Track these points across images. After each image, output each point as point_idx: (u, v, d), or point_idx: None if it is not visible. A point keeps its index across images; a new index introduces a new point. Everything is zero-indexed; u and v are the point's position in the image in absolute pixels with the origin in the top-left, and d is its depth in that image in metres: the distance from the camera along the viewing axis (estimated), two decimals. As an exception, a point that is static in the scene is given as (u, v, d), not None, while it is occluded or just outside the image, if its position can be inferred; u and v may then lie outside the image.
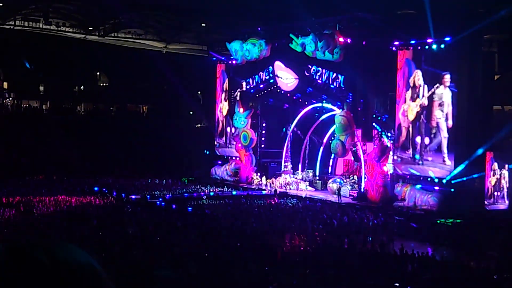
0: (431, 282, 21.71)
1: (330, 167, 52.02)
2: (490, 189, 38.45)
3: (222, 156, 57.52)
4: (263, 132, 55.15)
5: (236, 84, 55.47)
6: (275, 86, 50.88)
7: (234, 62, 54.65)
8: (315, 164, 52.49)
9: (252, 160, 53.64)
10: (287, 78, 49.30)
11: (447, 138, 38.25)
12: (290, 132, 53.46)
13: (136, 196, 42.27)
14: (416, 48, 40.03)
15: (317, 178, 51.01)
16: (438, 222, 35.04)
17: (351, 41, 43.28)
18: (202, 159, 59.52)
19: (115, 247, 24.19)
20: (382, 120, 43.05)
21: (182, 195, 44.40)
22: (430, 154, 39.35)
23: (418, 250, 25.86)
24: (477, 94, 39.08)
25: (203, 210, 37.11)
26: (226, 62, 56.74)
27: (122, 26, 60.35)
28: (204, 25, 59.35)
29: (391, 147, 42.11)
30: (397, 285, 20.39)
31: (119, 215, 34.40)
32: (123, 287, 19.29)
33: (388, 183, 41.79)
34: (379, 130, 43.27)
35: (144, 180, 51.53)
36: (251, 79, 52.76)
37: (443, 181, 38.32)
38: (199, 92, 77.50)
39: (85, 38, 61.32)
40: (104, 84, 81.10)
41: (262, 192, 47.82)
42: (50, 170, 53.52)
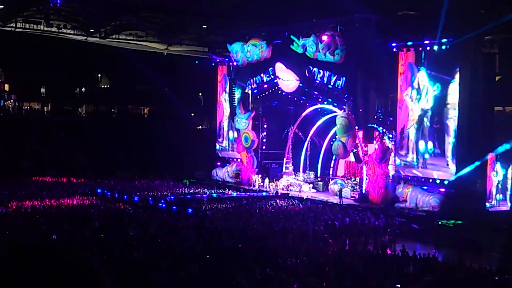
0: (432, 284, 21.69)
1: (331, 169, 51.97)
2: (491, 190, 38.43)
3: (224, 158, 57.53)
4: (265, 133, 55.11)
5: (236, 85, 55.45)
6: (276, 88, 50.86)
7: (235, 63, 54.64)
8: (316, 165, 52.48)
9: (253, 161, 53.60)
10: (288, 80, 49.28)
11: (451, 143, 38.09)
12: (291, 133, 53.41)
13: (138, 197, 42.23)
14: (417, 49, 39.99)
15: (318, 179, 50.98)
16: (440, 223, 35.02)
17: (351, 42, 43.28)
18: (204, 160, 59.53)
19: (116, 248, 24.17)
20: (387, 122, 42.90)
21: (184, 197, 44.34)
22: (434, 159, 39.22)
23: (419, 251, 25.84)
24: (478, 95, 39.05)
25: (204, 212, 37.06)
26: (227, 64, 56.74)
27: (123, 28, 60.35)
28: (205, 26, 59.35)
29: (393, 149, 42.06)
30: (398, 286, 20.34)
31: (120, 216, 34.40)
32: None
33: (390, 185, 41.76)
34: (381, 131, 43.23)
35: (146, 182, 51.54)
36: (252, 80, 52.73)
37: (445, 182, 38.29)
38: (200, 94, 77.54)
39: (86, 40, 61.34)
40: (105, 86, 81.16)
41: (263, 193, 47.80)
42: (52, 172, 53.55)
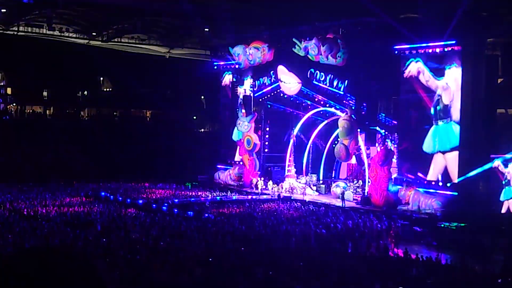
0: (435, 286, 21.65)
1: (333, 171, 51.95)
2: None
3: (226, 161, 57.52)
4: (267, 136, 55.09)
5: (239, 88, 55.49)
6: (279, 91, 50.88)
7: (237, 66, 54.68)
8: (318, 168, 52.46)
9: (255, 164, 53.59)
10: (290, 82, 49.29)
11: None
12: (293, 136, 53.40)
13: (141, 201, 42.21)
14: (419, 52, 39.99)
15: (320, 182, 50.95)
16: (442, 226, 35.00)
17: (354, 44, 43.32)
18: (206, 163, 59.52)
19: (119, 252, 24.16)
20: (389, 124, 42.87)
21: (188, 200, 44.28)
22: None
23: (422, 254, 25.80)
24: (480, 97, 39.05)
25: (207, 215, 37.02)
26: (229, 67, 56.73)
27: (125, 31, 60.43)
28: (207, 30, 59.42)
29: (395, 151, 42.04)
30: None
31: (123, 220, 34.37)
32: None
33: (392, 187, 41.71)
34: (383, 134, 43.21)
35: (148, 185, 51.53)
36: (254, 83, 52.75)
37: (448, 184, 38.27)
38: (202, 97, 77.59)
39: (88, 44, 61.43)
40: (107, 89, 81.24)
41: (264, 196, 47.80)
42: (54, 175, 53.56)
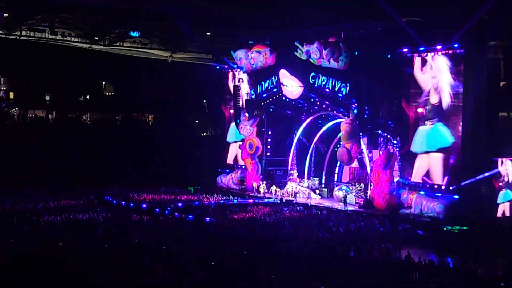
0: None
1: (336, 175, 51.91)
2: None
3: (228, 165, 57.49)
4: (269, 140, 55.07)
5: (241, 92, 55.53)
6: (281, 94, 50.89)
7: (239, 70, 54.71)
8: (321, 172, 52.41)
9: (258, 168, 53.56)
10: (292, 86, 49.30)
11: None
12: (295, 140, 53.36)
13: (144, 205, 42.20)
14: (422, 55, 39.97)
15: (323, 186, 50.90)
16: (445, 229, 34.94)
17: (356, 48, 43.31)
18: (208, 167, 59.53)
19: (121, 256, 24.13)
20: (391, 128, 42.79)
21: (191, 204, 44.25)
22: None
23: (424, 257, 25.74)
24: (483, 101, 38.98)
25: (209, 218, 37.01)
26: (234, 70, 56.74)
27: (128, 35, 60.48)
28: (209, 34, 59.46)
29: (397, 155, 41.99)
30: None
31: (125, 224, 34.38)
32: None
33: (394, 191, 41.67)
34: (385, 137, 43.15)
35: (151, 189, 51.49)
36: (256, 87, 52.75)
37: (450, 188, 38.21)
38: (204, 101, 77.63)
39: (90, 48, 61.49)
40: (110, 94, 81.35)
41: (266, 200, 47.78)
42: (56, 180, 53.61)
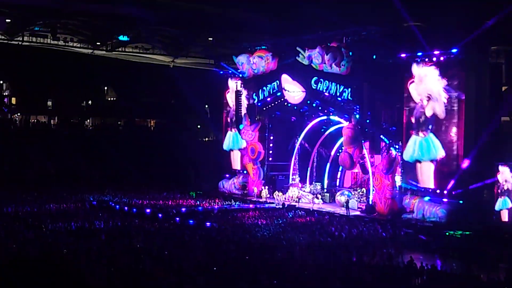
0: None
1: (338, 180, 51.86)
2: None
3: (230, 169, 57.47)
4: (271, 145, 55.04)
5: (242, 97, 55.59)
6: (282, 99, 50.90)
7: (241, 75, 54.77)
8: (323, 176, 52.38)
9: (260, 173, 53.54)
10: (294, 91, 49.31)
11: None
12: (297, 145, 53.34)
13: (148, 210, 42.17)
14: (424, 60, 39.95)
15: (325, 191, 50.85)
16: (447, 234, 34.87)
17: (357, 53, 43.34)
18: (210, 172, 59.50)
19: (123, 261, 24.13)
20: (393, 133, 42.75)
21: (195, 209, 44.19)
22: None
23: (427, 262, 25.70)
24: (484, 106, 38.96)
25: (211, 223, 36.97)
26: (235, 75, 56.75)
27: (130, 41, 60.58)
28: (211, 39, 59.55)
29: (399, 160, 41.95)
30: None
31: (128, 229, 34.37)
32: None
33: (397, 195, 41.64)
34: (387, 142, 43.13)
35: (153, 194, 51.46)
36: (258, 92, 52.76)
37: (452, 192, 38.17)
38: (206, 106, 77.69)
39: (92, 53, 61.60)
40: (112, 99, 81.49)
41: (268, 205, 47.75)
42: (58, 185, 53.61)
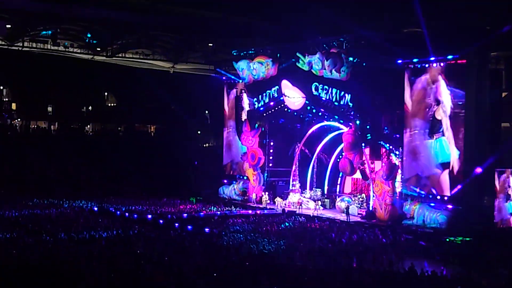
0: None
1: (338, 186, 51.84)
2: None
3: (230, 175, 57.44)
4: (271, 151, 55.03)
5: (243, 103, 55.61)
6: (283, 105, 50.92)
7: (241, 81, 54.82)
8: (323, 182, 52.36)
9: (260, 179, 53.53)
10: (294, 97, 49.33)
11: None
12: (298, 150, 53.33)
13: (149, 216, 42.13)
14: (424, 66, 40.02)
15: (325, 196, 50.83)
16: (448, 240, 34.85)
17: (357, 59, 43.40)
18: (210, 178, 59.49)
19: (124, 266, 24.11)
20: (393, 139, 42.74)
21: (196, 215, 44.14)
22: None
23: (427, 268, 25.68)
24: (484, 112, 38.98)
25: (211, 229, 36.94)
26: (234, 81, 56.81)
27: (130, 46, 60.66)
28: (211, 44, 59.62)
29: (400, 166, 41.94)
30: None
31: (128, 234, 34.35)
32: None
33: (397, 201, 41.61)
34: (387, 148, 43.13)
35: (153, 200, 51.42)
36: (258, 98, 52.78)
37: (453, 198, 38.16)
38: (206, 112, 77.75)
39: (93, 59, 61.65)
40: (112, 104, 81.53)
41: (266, 211, 47.73)
42: (59, 190, 53.56)
